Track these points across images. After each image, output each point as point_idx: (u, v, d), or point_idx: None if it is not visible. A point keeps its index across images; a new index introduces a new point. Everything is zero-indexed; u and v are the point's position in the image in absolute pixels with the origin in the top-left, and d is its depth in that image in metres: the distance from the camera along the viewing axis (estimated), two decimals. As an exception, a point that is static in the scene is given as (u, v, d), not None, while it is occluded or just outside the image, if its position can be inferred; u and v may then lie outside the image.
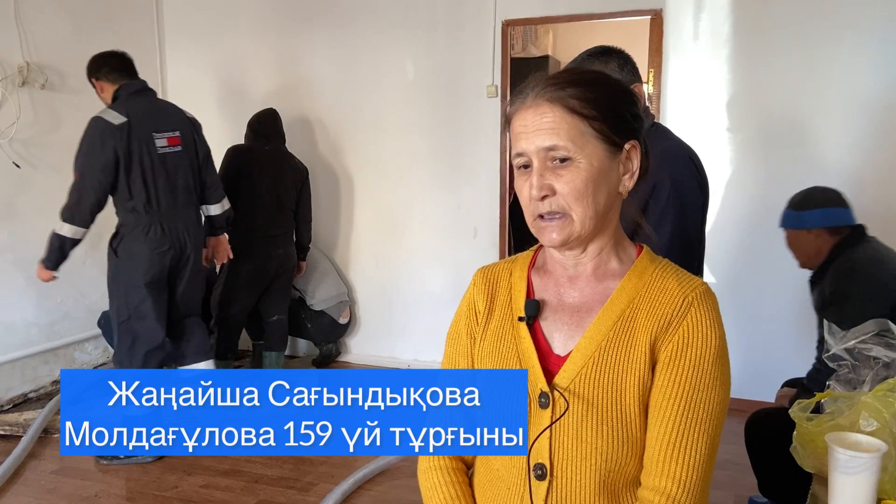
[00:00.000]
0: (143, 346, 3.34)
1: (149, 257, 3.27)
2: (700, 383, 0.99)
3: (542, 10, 4.09)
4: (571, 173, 1.01)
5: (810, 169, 3.66)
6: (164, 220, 3.30)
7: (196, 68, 4.88)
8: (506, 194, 4.29)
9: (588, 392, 1.01)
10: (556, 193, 1.01)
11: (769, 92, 3.70)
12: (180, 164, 3.36)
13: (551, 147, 1.01)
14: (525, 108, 1.03)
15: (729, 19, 3.74)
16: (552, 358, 1.06)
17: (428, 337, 4.53)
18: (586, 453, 1.00)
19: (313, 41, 4.58)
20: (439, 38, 4.29)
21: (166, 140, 3.35)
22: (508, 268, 1.17)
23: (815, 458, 1.47)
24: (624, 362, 1.01)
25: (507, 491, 1.07)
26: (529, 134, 1.02)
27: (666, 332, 1.01)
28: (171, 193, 3.32)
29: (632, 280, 1.06)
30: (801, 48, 3.61)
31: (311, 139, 4.68)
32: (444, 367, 1.19)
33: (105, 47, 4.45)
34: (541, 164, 1.01)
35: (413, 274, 4.56)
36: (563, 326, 1.07)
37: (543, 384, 1.03)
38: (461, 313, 1.19)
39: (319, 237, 4.65)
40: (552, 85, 1.03)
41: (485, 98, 4.20)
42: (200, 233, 3.47)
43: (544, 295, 1.11)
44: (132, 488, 3.05)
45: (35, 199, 4.00)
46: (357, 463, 3.23)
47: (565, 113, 1.01)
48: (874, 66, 3.50)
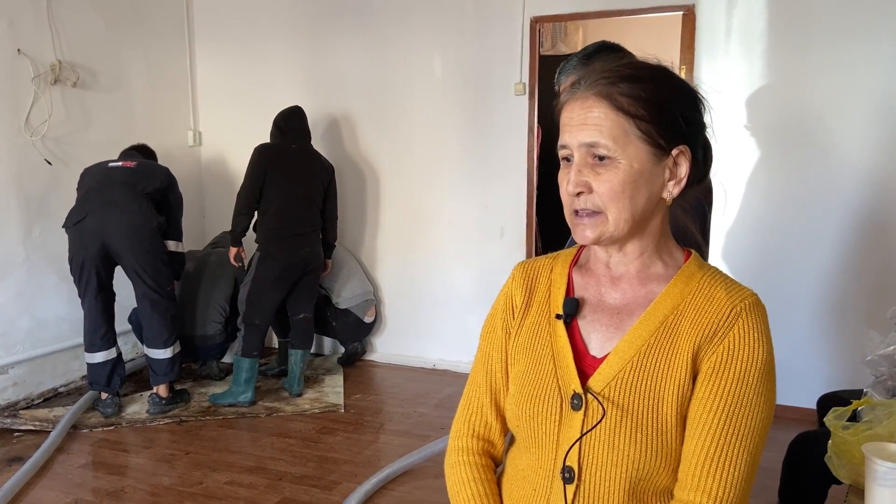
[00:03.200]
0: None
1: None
2: (743, 398, 0.94)
3: (571, 6, 4.04)
4: (610, 172, 0.97)
5: (842, 168, 3.57)
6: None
7: (225, 66, 4.91)
8: (533, 193, 4.24)
9: (623, 397, 0.97)
10: (593, 191, 0.98)
11: (803, 90, 3.61)
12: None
13: (592, 144, 0.97)
14: (574, 100, 1.00)
15: (763, 15, 3.65)
16: (587, 359, 1.03)
17: (454, 337, 4.50)
18: (617, 460, 0.96)
19: (341, 39, 4.57)
20: (467, 35, 4.26)
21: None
22: (549, 264, 1.15)
23: (850, 469, 1.41)
24: (664, 369, 0.97)
25: (532, 492, 1.05)
26: (573, 128, 0.99)
27: (710, 342, 0.97)
28: None
29: (677, 285, 1.02)
30: (836, 45, 3.52)
31: (338, 137, 4.68)
32: (478, 361, 1.17)
33: (136, 46, 4.53)
34: (580, 160, 0.99)
35: (439, 273, 4.54)
36: (602, 328, 1.04)
37: (577, 385, 1.00)
38: (497, 307, 1.16)
39: (346, 235, 4.65)
40: (604, 78, 0.99)
41: (513, 96, 4.16)
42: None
43: (584, 294, 1.08)
44: (158, 483, 3.07)
45: (66, 196, 4.04)
46: (381, 462, 3.22)
47: (611, 110, 0.97)
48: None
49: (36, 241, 4.00)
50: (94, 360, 3.73)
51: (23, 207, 3.93)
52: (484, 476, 1.13)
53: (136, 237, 3.62)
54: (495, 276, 4.37)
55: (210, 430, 3.65)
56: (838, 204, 3.60)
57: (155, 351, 3.76)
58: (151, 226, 3.65)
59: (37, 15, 3.93)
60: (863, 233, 3.59)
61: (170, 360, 3.77)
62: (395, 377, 4.49)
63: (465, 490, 1.11)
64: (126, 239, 3.60)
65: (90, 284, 3.68)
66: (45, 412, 3.80)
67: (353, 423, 3.74)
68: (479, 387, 1.16)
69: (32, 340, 3.99)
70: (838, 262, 3.65)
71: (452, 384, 4.29)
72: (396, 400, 4.10)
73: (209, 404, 3.94)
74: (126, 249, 3.61)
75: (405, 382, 4.37)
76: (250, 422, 3.75)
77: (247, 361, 3.89)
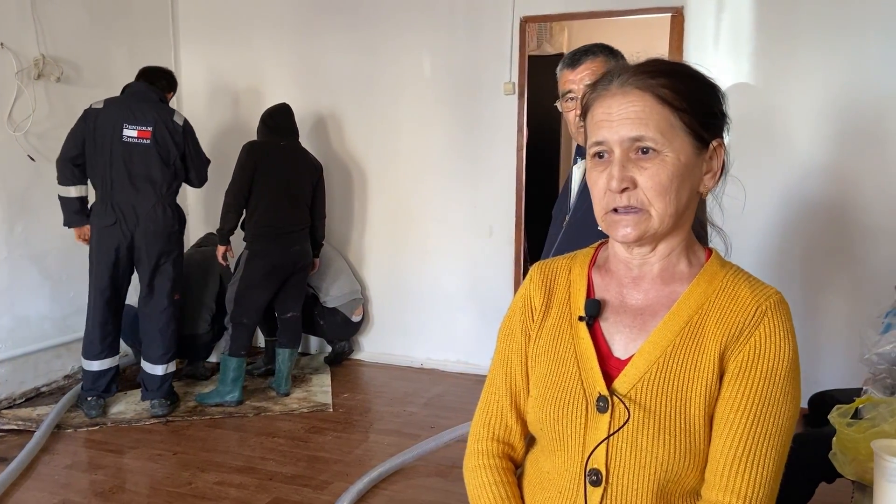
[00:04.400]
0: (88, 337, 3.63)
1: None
2: (771, 397, 0.94)
3: (561, 6, 4.05)
4: (656, 166, 0.96)
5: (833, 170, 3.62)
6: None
7: (211, 63, 4.86)
8: (522, 193, 4.25)
9: (650, 399, 0.97)
10: (637, 187, 0.96)
11: (791, 92, 3.66)
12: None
13: (637, 137, 0.96)
14: (610, 96, 0.98)
15: (751, 18, 3.69)
16: (611, 360, 1.02)
17: (442, 336, 4.50)
18: (645, 461, 0.96)
19: (329, 36, 4.55)
20: (457, 34, 4.26)
21: (136, 132, 3.61)
22: (567, 265, 1.12)
23: (856, 465, 1.43)
24: (690, 370, 0.97)
25: (558, 494, 1.03)
26: (613, 122, 0.97)
27: (737, 341, 0.96)
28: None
29: (700, 285, 1.01)
30: (824, 48, 3.57)
31: (326, 135, 4.65)
32: (496, 364, 1.15)
33: (121, 42, 4.47)
34: (623, 155, 0.96)
35: (427, 272, 4.53)
36: (625, 329, 1.03)
37: (602, 387, 0.99)
38: (516, 309, 1.14)
39: (333, 234, 4.62)
40: (643, 73, 0.98)
41: (502, 95, 4.17)
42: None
43: (605, 295, 1.06)
44: (146, 483, 3.03)
45: (49, 192, 3.97)
46: (371, 462, 3.21)
47: (655, 102, 0.96)
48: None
49: (18, 238, 3.93)
50: (103, 367, 3.67)
51: (4, 204, 3.86)
52: (505, 479, 1.11)
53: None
54: (484, 275, 4.38)
55: (197, 430, 3.61)
56: (819, 201, 3.65)
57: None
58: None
59: (20, 9, 3.86)
60: (843, 232, 3.65)
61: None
62: (382, 376, 4.48)
63: (487, 493, 1.10)
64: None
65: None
66: (29, 411, 3.73)
67: (342, 423, 3.72)
68: (498, 389, 1.13)
69: (14, 339, 3.92)
70: (822, 261, 3.70)
71: (440, 383, 4.29)
72: (385, 399, 4.09)
73: (196, 404, 3.89)
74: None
75: (393, 381, 4.36)
76: (238, 421, 3.72)
77: (234, 361, 3.86)
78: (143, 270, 3.68)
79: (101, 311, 3.65)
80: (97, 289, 3.64)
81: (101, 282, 3.62)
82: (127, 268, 3.68)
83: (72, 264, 4.14)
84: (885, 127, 3.52)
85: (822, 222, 3.69)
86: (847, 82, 3.55)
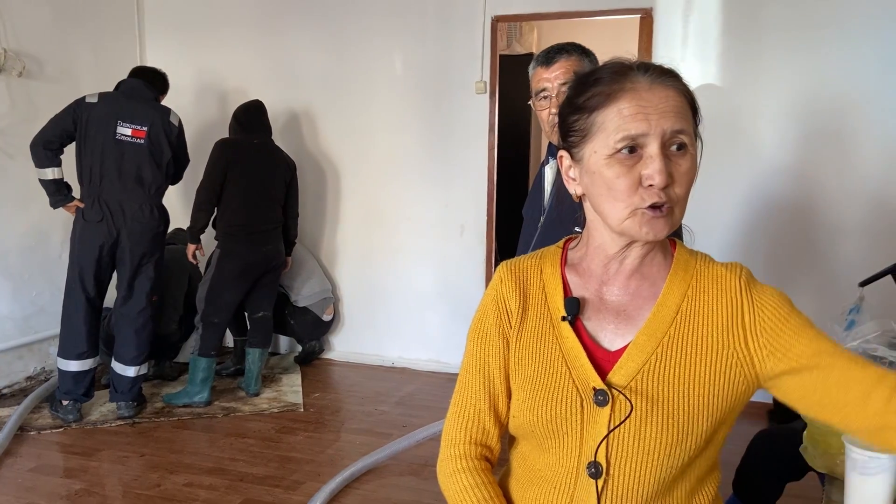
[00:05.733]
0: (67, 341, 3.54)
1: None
2: (807, 320, 1.00)
3: (532, 6, 4.08)
4: (688, 163, 0.96)
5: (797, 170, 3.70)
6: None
7: (178, 60, 4.78)
8: (493, 192, 4.27)
9: (652, 388, 0.98)
10: (674, 183, 0.96)
11: (756, 93, 3.73)
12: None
13: (680, 130, 0.95)
14: (643, 89, 0.96)
15: (718, 21, 3.76)
16: (600, 354, 1.03)
17: (413, 335, 4.50)
18: (650, 450, 0.97)
19: (299, 33, 4.52)
20: (428, 33, 4.26)
21: (130, 130, 3.54)
22: (537, 264, 1.12)
23: (827, 458, 1.46)
24: (692, 355, 0.99)
25: (552, 490, 1.03)
26: (650, 115, 0.94)
27: (741, 315, 0.99)
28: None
29: (679, 273, 1.03)
30: (788, 51, 3.65)
31: (297, 133, 4.62)
32: (470, 367, 1.12)
33: (85, 37, 4.38)
34: (662, 149, 0.95)
35: (399, 271, 4.52)
36: (609, 325, 1.04)
37: (597, 381, 1.00)
38: (488, 310, 1.12)
39: (305, 233, 4.59)
40: (666, 72, 0.98)
41: (474, 95, 4.18)
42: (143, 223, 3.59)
43: (584, 293, 1.06)
44: (114, 486, 2.98)
45: (11, 189, 3.89)
46: (344, 461, 3.19)
47: (685, 100, 0.98)
48: (867, 66, 3.54)
49: (-22, 236, 3.83)
50: (84, 368, 3.58)
51: (-36, 201, 3.76)
52: (486, 479, 1.10)
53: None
54: (455, 273, 4.39)
55: (165, 431, 3.56)
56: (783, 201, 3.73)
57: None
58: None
59: (-19, 1, 3.77)
60: (806, 232, 3.73)
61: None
62: (353, 375, 4.46)
63: (471, 496, 1.08)
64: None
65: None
66: (-10, 414, 3.65)
67: (313, 423, 3.69)
68: (475, 393, 1.11)
69: (-26, 340, 3.82)
70: (786, 260, 3.78)
71: (412, 382, 4.29)
72: (356, 398, 4.08)
73: (163, 405, 3.84)
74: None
75: (364, 381, 4.35)
76: (207, 422, 3.67)
77: (204, 361, 3.81)
78: (123, 270, 3.60)
79: (84, 309, 3.54)
80: (80, 286, 3.53)
81: (85, 279, 3.53)
82: (109, 266, 3.60)
83: (33, 263, 4.05)
84: (847, 128, 3.61)
85: (786, 222, 3.77)
86: (810, 84, 3.64)
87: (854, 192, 3.63)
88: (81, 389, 3.58)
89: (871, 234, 3.60)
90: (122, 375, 3.63)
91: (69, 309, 3.57)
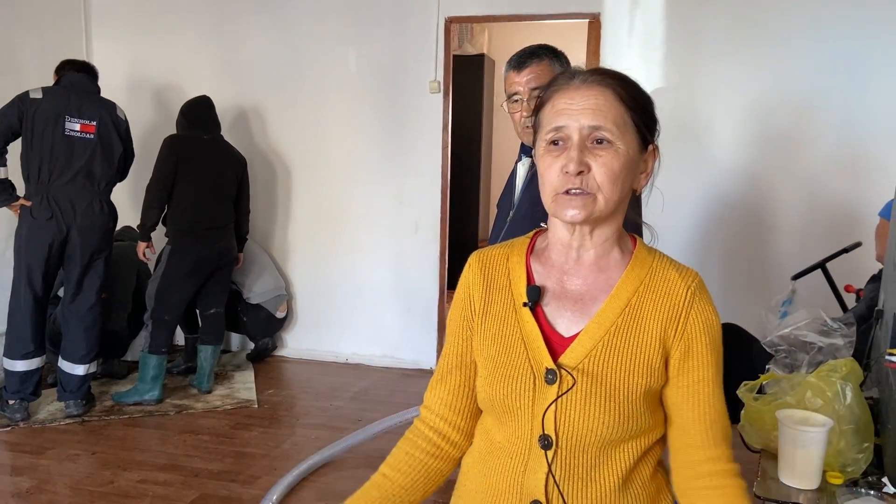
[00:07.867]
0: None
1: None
2: (715, 360, 1.11)
3: (484, 8, 4.16)
4: (610, 155, 1.06)
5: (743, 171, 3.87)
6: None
7: (126, 54, 4.72)
8: (447, 189, 4.34)
9: (597, 370, 1.08)
10: (590, 172, 1.06)
11: (703, 95, 3.89)
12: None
13: (597, 126, 1.05)
14: (573, 89, 1.08)
15: (662, 26, 3.90)
16: (556, 338, 1.12)
17: (367, 331, 4.54)
18: (592, 426, 1.07)
19: (251, 28, 4.51)
20: (383, 31, 4.30)
21: (79, 125, 3.50)
22: (505, 253, 1.20)
23: (762, 435, 1.57)
24: (633, 346, 1.09)
25: (509, 460, 1.13)
26: (574, 111, 1.06)
27: (676, 322, 1.10)
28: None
29: (634, 269, 1.13)
30: (733, 54, 3.81)
31: (247, 129, 4.61)
32: (450, 354, 1.21)
33: (28, 31, 4.29)
34: (580, 142, 1.06)
35: (352, 267, 4.55)
36: (567, 312, 1.13)
37: (549, 362, 1.09)
38: (458, 301, 1.21)
39: (256, 230, 4.58)
40: (601, 73, 1.09)
41: (428, 94, 4.24)
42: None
43: (546, 282, 1.15)
44: (66, 483, 2.95)
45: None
46: (300, 455, 3.22)
47: (614, 98, 1.07)
48: (807, 70, 3.72)
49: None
50: (30, 367, 3.51)
51: None
52: (407, 448, 1.20)
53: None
54: (409, 270, 4.44)
55: (115, 429, 3.52)
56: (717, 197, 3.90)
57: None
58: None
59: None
60: (740, 225, 3.91)
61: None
62: (307, 372, 4.47)
63: (392, 454, 1.21)
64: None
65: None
66: (-69, 415, 3.55)
67: (267, 418, 3.70)
68: (447, 373, 1.21)
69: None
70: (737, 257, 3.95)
71: (366, 377, 4.32)
72: (310, 394, 4.10)
73: (113, 403, 3.79)
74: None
75: (318, 377, 4.37)
76: (159, 420, 3.65)
77: (154, 358, 3.78)
78: (73, 267, 3.54)
79: (31, 308, 3.48)
80: (27, 285, 3.47)
81: (33, 277, 3.46)
82: (57, 264, 3.54)
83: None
84: (789, 131, 3.79)
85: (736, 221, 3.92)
86: (756, 87, 3.81)
87: (792, 194, 3.81)
88: (29, 388, 3.52)
89: (804, 233, 3.80)
90: (71, 374, 3.58)
91: (15, 308, 3.51)
